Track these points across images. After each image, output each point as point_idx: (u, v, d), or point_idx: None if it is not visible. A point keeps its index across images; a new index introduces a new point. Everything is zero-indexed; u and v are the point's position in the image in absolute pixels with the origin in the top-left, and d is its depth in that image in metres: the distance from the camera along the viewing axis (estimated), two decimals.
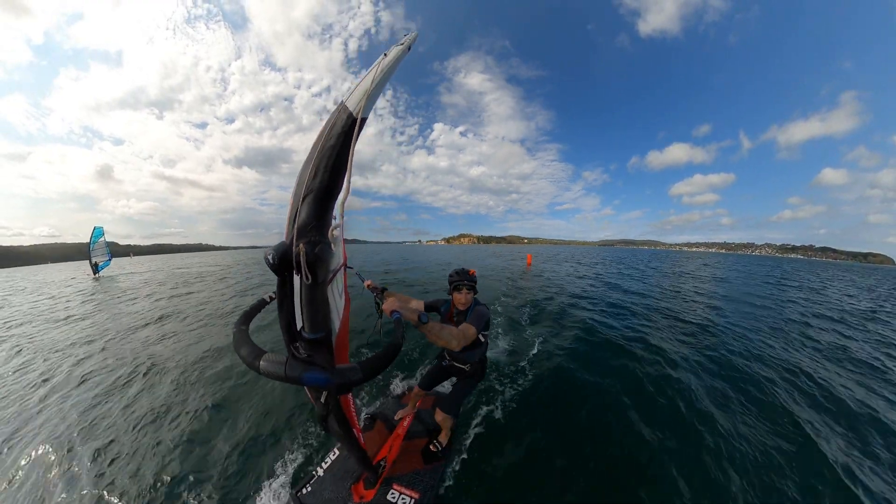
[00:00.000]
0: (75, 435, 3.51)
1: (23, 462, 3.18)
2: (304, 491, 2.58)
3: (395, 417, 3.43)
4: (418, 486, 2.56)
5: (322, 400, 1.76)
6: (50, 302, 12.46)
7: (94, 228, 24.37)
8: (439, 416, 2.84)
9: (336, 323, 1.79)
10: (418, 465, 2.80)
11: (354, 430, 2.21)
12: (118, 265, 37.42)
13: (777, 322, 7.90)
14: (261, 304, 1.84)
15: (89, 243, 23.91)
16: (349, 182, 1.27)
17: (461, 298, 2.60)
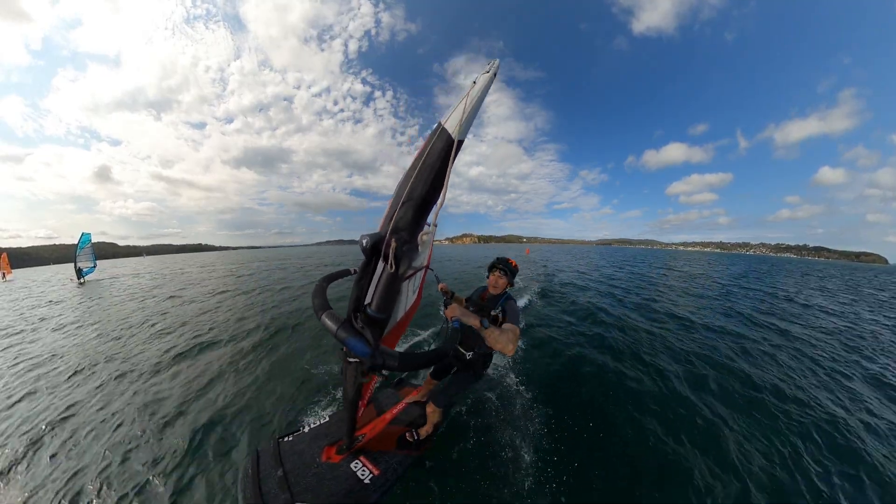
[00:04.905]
0: None
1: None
2: (285, 439, 2.87)
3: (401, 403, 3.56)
4: (382, 465, 2.68)
5: (351, 366, 1.93)
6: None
7: (82, 234, 23.81)
8: (430, 407, 2.91)
9: (399, 313, 1.98)
10: (391, 447, 2.93)
11: (360, 403, 2.41)
12: (140, 265, 39.70)
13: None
14: (344, 273, 2.03)
15: (76, 248, 23.48)
16: (444, 196, 1.39)
17: (493, 280, 2.66)
